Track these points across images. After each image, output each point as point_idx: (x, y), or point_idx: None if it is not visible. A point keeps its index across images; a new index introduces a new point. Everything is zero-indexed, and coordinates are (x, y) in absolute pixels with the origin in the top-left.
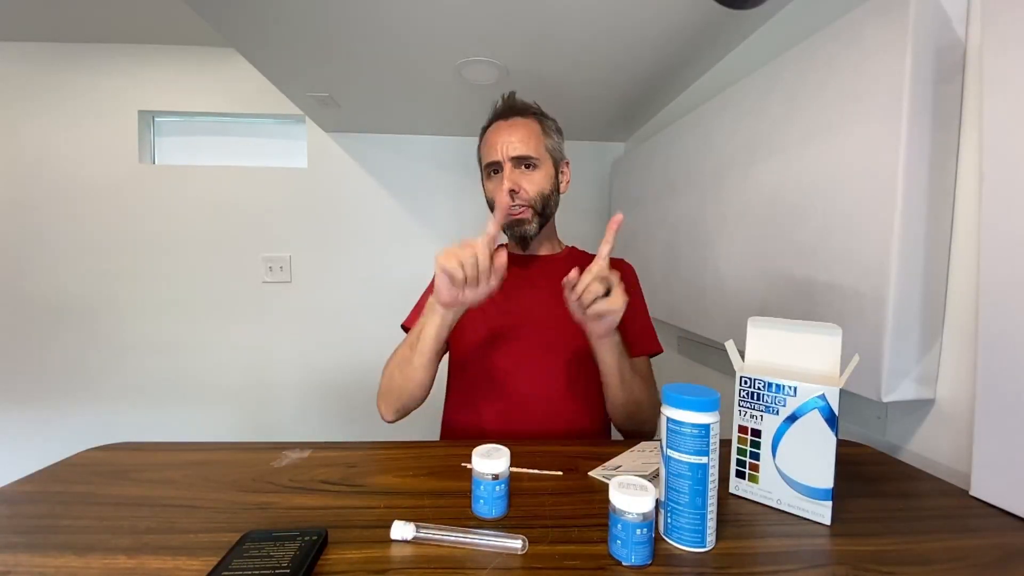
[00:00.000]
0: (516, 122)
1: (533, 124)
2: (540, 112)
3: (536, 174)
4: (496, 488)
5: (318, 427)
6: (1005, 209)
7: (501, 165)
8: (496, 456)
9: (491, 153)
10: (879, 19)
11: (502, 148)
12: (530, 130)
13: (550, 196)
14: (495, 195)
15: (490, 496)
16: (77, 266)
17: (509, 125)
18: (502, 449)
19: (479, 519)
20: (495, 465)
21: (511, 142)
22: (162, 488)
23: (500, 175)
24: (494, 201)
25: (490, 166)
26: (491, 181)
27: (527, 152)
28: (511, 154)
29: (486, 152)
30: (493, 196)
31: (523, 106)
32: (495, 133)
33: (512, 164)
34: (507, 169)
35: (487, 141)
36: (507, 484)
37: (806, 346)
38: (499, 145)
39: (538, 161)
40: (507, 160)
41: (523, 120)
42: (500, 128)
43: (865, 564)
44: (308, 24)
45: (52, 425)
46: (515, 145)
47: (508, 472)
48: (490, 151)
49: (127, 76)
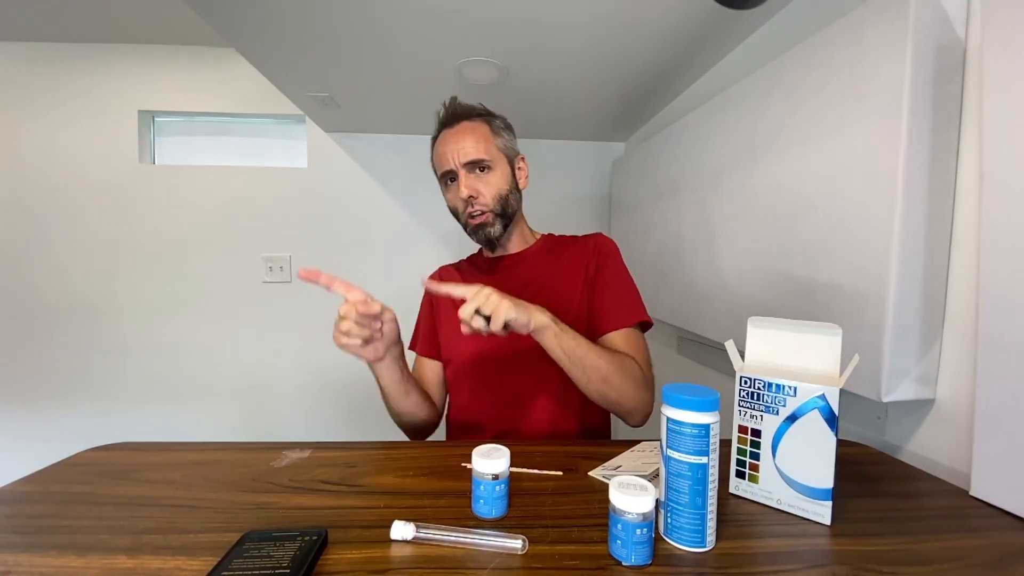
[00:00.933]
0: (463, 127)
1: (481, 126)
2: (486, 112)
3: (491, 176)
4: (496, 488)
5: (318, 427)
6: (1005, 209)
7: (455, 173)
8: (496, 456)
9: (443, 163)
10: (879, 19)
11: (453, 156)
12: (479, 133)
13: (508, 195)
14: (454, 203)
15: (490, 496)
16: (77, 266)
17: (456, 132)
18: (502, 449)
19: (479, 519)
20: (495, 465)
21: (461, 148)
22: (162, 488)
23: (456, 183)
24: (456, 210)
25: (445, 175)
26: (449, 191)
27: (479, 155)
28: (463, 160)
29: (439, 162)
30: (454, 205)
31: (467, 109)
32: (443, 142)
33: (466, 170)
34: (462, 176)
35: (437, 151)
36: (507, 484)
37: (806, 346)
38: (449, 153)
39: (491, 163)
40: (460, 167)
41: (470, 124)
42: (447, 136)
43: (865, 564)
44: (308, 24)
45: (52, 425)
46: (466, 151)
47: (508, 472)
48: (442, 161)
49: (127, 76)
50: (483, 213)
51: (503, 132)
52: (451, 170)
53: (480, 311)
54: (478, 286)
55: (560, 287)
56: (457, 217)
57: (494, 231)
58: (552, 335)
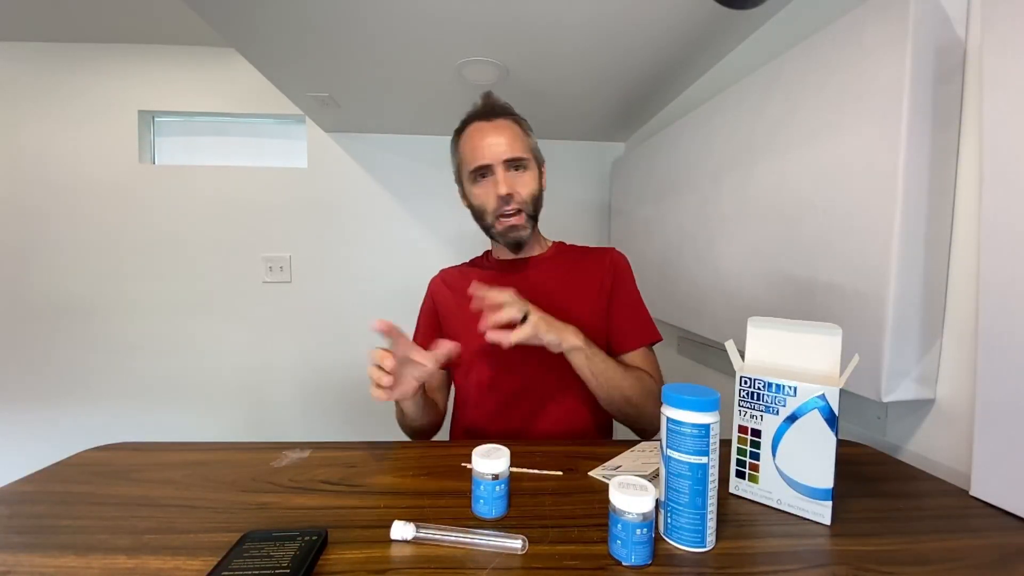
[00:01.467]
0: (500, 123)
1: (515, 126)
2: (517, 113)
3: (527, 176)
4: (496, 488)
5: (318, 427)
6: (1005, 209)
7: (490, 168)
8: (496, 456)
9: (478, 157)
10: (879, 19)
11: (491, 150)
12: (515, 131)
13: (539, 197)
14: (484, 200)
15: (490, 496)
16: (77, 266)
17: (495, 127)
18: (502, 449)
19: (479, 519)
20: (495, 465)
21: (500, 143)
22: (162, 488)
23: (489, 179)
24: (484, 207)
25: (477, 170)
26: (479, 186)
27: (517, 153)
28: (503, 156)
29: (472, 156)
30: (483, 201)
31: (505, 107)
32: (479, 135)
33: (505, 167)
34: (500, 173)
35: (470, 144)
36: (507, 484)
37: (806, 346)
38: (486, 147)
39: (527, 163)
40: (499, 163)
41: (506, 121)
42: (484, 130)
43: (865, 564)
44: (308, 24)
45: (52, 425)
46: (506, 147)
47: (508, 472)
48: (476, 154)
49: (127, 76)
50: (518, 213)
51: (531, 134)
52: (487, 165)
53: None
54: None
55: (574, 296)
56: (481, 216)
57: (526, 233)
58: (583, 357)
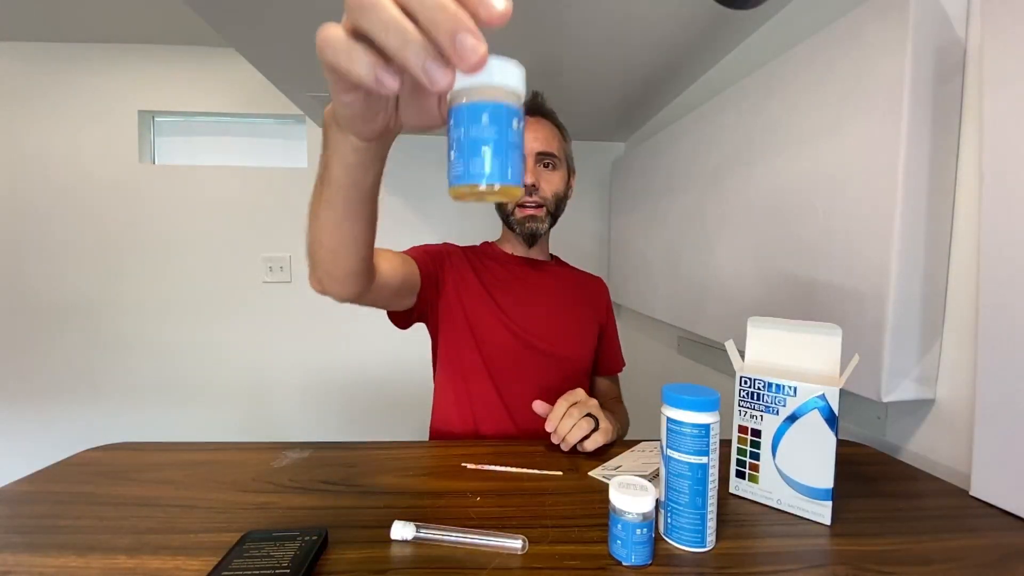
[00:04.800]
0: (541, 121)
1: (554, 128)
2: (559, 120)
3: (555, 174)
4: (637, 531)
5: (318, 427)
6: (1005, 209)
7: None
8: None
9: None
10: (879, 19)
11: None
12: (552, 131)
13: (563, 200)
14: None
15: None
16: (77, 266)
17: (534, 121)
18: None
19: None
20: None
21: (535, 137)
22: (162, 488)
23: None
24: None
25: None
26: None
27: (550, 149)
28: (536, 149)
29: None
30: None
31: (549, 110)
32: None
33: (535, 159)
34: (529, 163)
35: None
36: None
37: (806, 346)
38: None
39: (558, 161)
40: (531, 155)
41: (546, 121)
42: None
43: (865, 564)
44: (308, 24)
45: (52, 425)
46: (539, 141)
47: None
48: None
49: (127, 76)
50: (539, 206)
51: (568, 142)
52: None
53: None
54: (567, 406)
55: (578, 317)
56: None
57: (542, 228)
58: (607, 432)
